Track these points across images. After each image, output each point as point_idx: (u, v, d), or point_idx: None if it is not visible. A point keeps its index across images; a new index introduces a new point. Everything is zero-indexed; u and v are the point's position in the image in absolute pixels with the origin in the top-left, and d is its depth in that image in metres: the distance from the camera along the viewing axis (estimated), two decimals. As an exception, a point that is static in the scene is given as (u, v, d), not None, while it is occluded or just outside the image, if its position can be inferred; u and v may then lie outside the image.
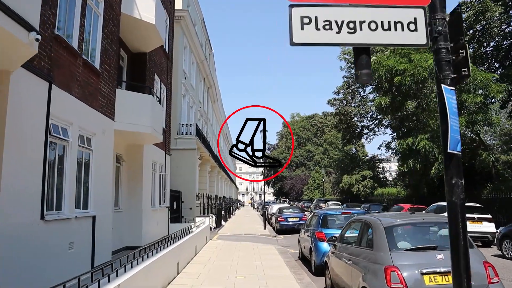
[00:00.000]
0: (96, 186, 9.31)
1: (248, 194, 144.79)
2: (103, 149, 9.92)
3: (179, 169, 22.06)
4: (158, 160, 16.07)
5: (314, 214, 12.09)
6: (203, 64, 31.81)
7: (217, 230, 23.17)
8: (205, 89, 36.15)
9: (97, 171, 9.44)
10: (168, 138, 18.30)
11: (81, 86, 8.64)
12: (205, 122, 35.57)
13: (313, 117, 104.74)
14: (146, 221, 13.83)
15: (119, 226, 12.72)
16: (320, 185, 71.39)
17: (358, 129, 44.73)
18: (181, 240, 10.51)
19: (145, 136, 11.81)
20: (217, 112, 48.83)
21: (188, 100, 26.32)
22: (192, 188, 22.17)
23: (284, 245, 18.00)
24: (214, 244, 16.45)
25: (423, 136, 21.60)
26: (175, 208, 20.13)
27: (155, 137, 12.25)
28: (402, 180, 33.52)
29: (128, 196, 13.32)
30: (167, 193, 17.42)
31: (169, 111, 18.58)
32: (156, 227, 15.43)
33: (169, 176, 18.08)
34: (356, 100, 44.70)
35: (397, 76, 21.94)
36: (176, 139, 22.56)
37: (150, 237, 13.99)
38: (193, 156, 22.54)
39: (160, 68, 16.68)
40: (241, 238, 19.59)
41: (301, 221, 23.38)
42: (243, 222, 32.17)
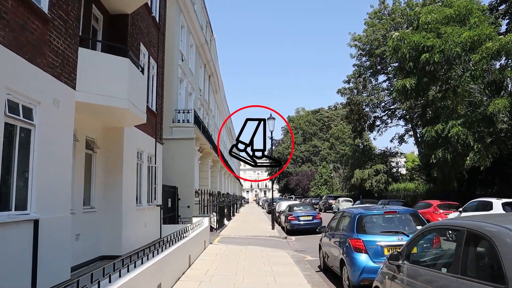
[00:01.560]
0: (41, 177, 6.52)
1: (252, 191, 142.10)
2: (56, 126, 7.13)
3: (175, 162, 19.28)
4: (145, 149, 13.29)
5: (343, 214, 9.25)
6: (203, 48, 28.97)
7: (219, 231, 20.39)
8: (206, 77, 33.32)
9: (45, 157, 6.65)
10: (159, 124, 15.51)
11: (11, 29, 5.85)
12: (207, 112, 32.76)
13: (318, 111, 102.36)
14: (128, 223, 11.05)
15: (92, 231, 9.96)
16: (327, 181, 68.65)
17: (370, 120, 41.90)
18: (166, 251, 7.71)
19: (119, 112, 9.01)
20: (219, 104, 46.01)
21: (186, 85, 23.51)
22: (190, 183, 19.38)
23: (298, 250, 15.22)
24: (214, 249, 13.66)
25: (455, 122, 18.70)
26: (169, 206, 17.36)
27: (134, 115, 9.44)
28: (424, 174, 30.55)
29: (104, 192, 10.55)
30: (159, 188, 14.64)
31: (161, 93, 15.77)
32: (143, 229, 12.65)
33: (161, 169, 15.30)
34: (368, 89, 41.79)
35: (424, 53, 19.04)
36: (172, 127, 19.77)
37: (136, 242, 11.23)
38: (190, 147, 19.74)
39: (148, 39, 13.87)
40: (247, 241, 16.81)
41: (315, 221, 20.58)
42: (248, 221, 29.37)
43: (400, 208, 9.08)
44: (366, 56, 42.05)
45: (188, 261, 10.05)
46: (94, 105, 8.40)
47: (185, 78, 23.21)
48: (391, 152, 44.12)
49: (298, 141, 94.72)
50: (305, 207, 22.17)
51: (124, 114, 9.21)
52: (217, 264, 10.73)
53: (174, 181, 18.84)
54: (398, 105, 37.90)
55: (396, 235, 7.49)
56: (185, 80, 23.23)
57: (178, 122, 20.00)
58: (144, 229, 12.69)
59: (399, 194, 36.03)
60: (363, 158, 43.77)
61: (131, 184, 11.48)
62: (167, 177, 18.61)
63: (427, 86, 20.86)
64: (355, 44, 42.49)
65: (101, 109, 8.83)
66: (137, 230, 11.94)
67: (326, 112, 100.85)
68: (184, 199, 18.94)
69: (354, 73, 42.47)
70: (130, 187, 11.42)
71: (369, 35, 40.59)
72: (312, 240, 18.28)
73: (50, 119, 6.87)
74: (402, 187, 36.10)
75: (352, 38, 42.70)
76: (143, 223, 12.59)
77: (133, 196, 11.70)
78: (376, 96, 40.66)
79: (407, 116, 42.35)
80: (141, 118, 9.99)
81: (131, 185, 11.54)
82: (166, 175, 18.66)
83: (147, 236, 12.87)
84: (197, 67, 28.14)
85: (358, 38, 42.29)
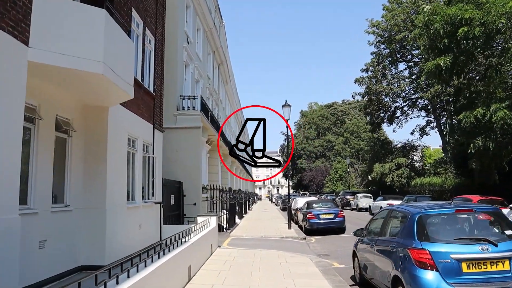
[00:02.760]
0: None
1: (265, 188, 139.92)
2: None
3: (179, 154, 17.20)
4: (140, 135, 11.16)
5: (391, 213, 6.94)
6: (211, 33, 26.78)
7: (230, 231, 18.24)
8: (216, 65, 31.16)
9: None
10: (159, 109, 13.39)
11: None
12: (216, 103, 30.61)
13: (332, 105, 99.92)
14: (115, 224, 8.94)
15: (67, 235, 7.87)
16: (343, 176, 66.07)
17: (390, 110, 39.38)
18: (154, 264, 5.54)
19: (94, 81, 6.86)
20: (230, 96, 43.83)
21: (192, 70, 21.37)
22: (196, 177, 17.26)
23: (321, 254, 12.98)
24: (223, 255, 11.48)
25: (499, 105, 16.23)
26: (173, 203, 15.27)
27: (116, 87, 7.26)
28: (454, 166, 27.98)
29: (83, 186, 8.45)
30: (158, 183, 12.51)
31: (160, 72, 13.65)
32: (137, 232, 10.55)
33: (160, 160, 13.19)
34: (387, 78, 39.20)
35: (462, 27, 16.58)
36: (176, 115, 17.65)
37: (127, 247, 9.14)
38: (197, 137, 17.60)
39: (143, 6, 11.71)
40: (261, 243, 14.63)
41: (337, 219, 18.31)
42: (262, 219, 27.19)
43: (478, 205, 6.73)
44: (385, 43, 39.46)
45: (188, 273, 7.88)
46: (57, 69, 6.25)
47: (191, 63, 21.08)
48: (412, 145, 41.45)
49: (311, 136, 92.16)
50: (326, 204, 19.86)
51: (102, 83, 7.06)
52: (224, 276, 8.54)
53: (178, 175, 16.78)
54: (421, 94, 35.28)
55: (478, 243, 5.22)
56: (191, 65, 21.10)
57: (182, 110, 17.87)
58: (138, 231, 10.59)
59: (423, 189, 33.44)
60: (382, 152, 41.17)
61: (119, 177, 9.36)
62: (170, 171, 16.55)
63: (464, 66, 18.34)
64: (373, 30, 39.90)
65: (70, 76, 6.70)
66: (129, 233, 9.84)
67: (340, 106, 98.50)
68: (190, 196, 16.85)
69: (373, 61, 39.91)
70: (118, 181, 9.31)
71: (388, 20, 37.97)
72: (335, 241, 16.04)
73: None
74: (427, 181, 33.46)
75: (370, 24, 40.12)
76: (136, 224, 10.49)
77: (122, 191, 9.59)
78: (397, 84, 38.06)
79: (429, 106, 39.72)
80: (126, 92, 7.82)
81: (119, 178, 9.42)
82: (170, 169, 16.60)
83: (143, 239, 10.76)
84: (205, 53, 25.98)
85: (377, 24, 39.69)
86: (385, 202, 28.57)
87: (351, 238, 17.59)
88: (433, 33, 18.18)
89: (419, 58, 38.37)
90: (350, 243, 16.28)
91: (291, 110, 20.92)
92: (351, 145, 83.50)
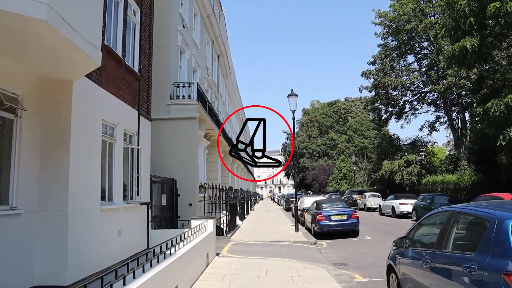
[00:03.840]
0: None
1: (267, 187, 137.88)
2: None
3: (173, 148, 15.28)
4: (120, 122, 9.22)
5: (458, 218, 4.90)
6: (210, 21, 24.82)
7: (231, 234, 16.29)
8: (215, 56, 29.19)
9: None
10: (146, 92, 11.44)
11: None
12: (215, 96, 28.64)
13: (335, 103, 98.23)
14: (82, 231, 7.00)
15: (13, 246, 5.92)
16: (347, 175, 64.11)
17: (399, 104, 37.39)
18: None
19: (35, 29, 4.88)
20: (230, 91, 41.85)
21: (189, 58, 19.42)
22: (192, 175, 15.31)
23: (336, 262, 11.04)
24: (221, 266, 9.52)
25: (534, 92, 14.30)
26: (165, 204, 13.32)
27: (68, 42, 5.24)
28: (476, 163, 25.95)
29: (38, 183, 6.51)
30: (144, 180, 10.58)
31: (148, 50, 11.71)
32: (115, 239, 8.60)
33: (148, 153, 11.25)
34: (396, 70, 37.19)
35: (492, 3, 14.63)
36: (170, 105, 15.72)
37: (100, 260, 7.24)
38: (193, 129, 15.65)
39: (125, -32, 9.77)
40: (266, 249, 12.68)
41: (350, 221, 16.35)
42: (265, 220, 25.23)
43: None
44: (393, 34, 37.46)
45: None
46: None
47: (187, 49, 19.13)
48: (422, 141, 39.40)
49: (314, 134, 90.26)
50: (337, 203, 17.86)
51: (49, 38, 5.09)
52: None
53: (172, 172, 14.86)
54: (432, 87, 33.24)
55: None
56: (187, 51, 19.16)
57: (177, 99, 15.93)
58: (117, 239, 8.64)
59: (436, 187, 31.43)
60: (391, 149, 39.13)
61: (88, 172, 7.41)
62: (163, 167, 14.65)
63: (492, 48, 16.35)
64: (381, 21, 37.90)
65: (1, 27, 4.74)
66: (103, 241, 7.89)
67: (343, 103, 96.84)
68: (185, 195, 14.90)
69: (380, 53, 37.90)
70: (87, 177, 7.36)
71: (396, 9, 35.99)
72: (350, 246, 14.08)
73: None
74: (440, 179, 31.43)
75: (377, 15, 38.14)
76: (114, 229, 8.54)
77: (93, 190, 7.64)
78: (406, 77, 36.01)
79: (439, 101, 37.74)
80: (89, 57, 5.84)
81: (89, 173, 7.48)
82: (162, 165, 14.70)
83: (124, 247, 8.83)
84: (203, 41, 24.03)
85: (384, 15, 37.71)
86: (397, 202, 26.62)
87: (366, 242, 15.70)
88: (457, 12, 16.21)
89: (429, 50, 36.46)
90: (366, 248, 14.38)
91: (297, 101, 18.97)
92: (354, 143, 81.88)
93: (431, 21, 33.23)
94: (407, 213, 25.10)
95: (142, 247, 10.37)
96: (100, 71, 7.95)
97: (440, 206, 21.04)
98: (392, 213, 26.72)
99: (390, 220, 24.77)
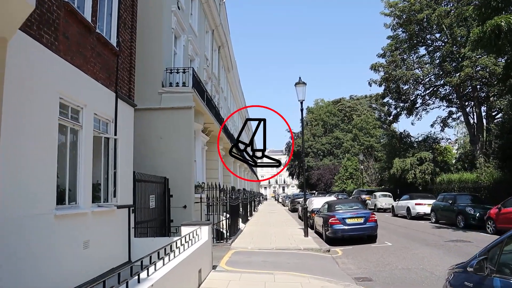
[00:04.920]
0: None
1: (270, 187, 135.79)
2: None
3: (165, 142, 13.37)
4: (87, 103, 7.27)
5: None
6: (209, 7, 22.89)
7: (232, 240, 14.33)
8: (215, 47, 27.25)
9: None
10: (126, 72, 9.50)
11: None
12: (216, 90, 26.68)
13: (339, 101, 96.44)
14: (19, 246, 5.07)
15: None
16: (353, 174, 62.06)
17: (411, 99, 35.36)
18: None
19: None
20: (233, 86, 39.90)
21: (185, 44, 17.47)
22: (187, 172, 13.36)
23: (358, 276, 9.09)
24: (216, 286, 7.56)
25: None
26: (153, 206, 11.38)
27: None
28: (501, 159, 23.89)
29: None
30: (124, 177, 8.65)
31: (131, 23, 9.80)
32: (80, 253, 6.67)
33: (129, 144, 9.34)
34: (408, 62, 35.14)
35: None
36: (161, 93, 13.80)
37: (53, 284, 5.28)
38: (188, 121, 13.70)
39: None
40: (273, 260, 10.71)
41: (368, 224, 14.36)
42: (270, 223, 23.25)
43: None
44: (403, 25, 35.41)
45: None
46: None
47: (183, 34, 17.20)
48: (435, 138, 37.28)
49: (318, 133, 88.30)
50: (351, 205, 15.84)
51: None
52: None
53: (164, 170, 12.94)
54: (448, 79, 31.08)
55: None
56: (183, 36, 17.22)
57: (170, 86, 14.00)
58: (82, 253, 6.71)
59: (452, 186, 29.35)
60: (402, 146, 37.06)
61: (34, 165, 5.48)
62: (153, 165, 12.77)
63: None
64: (391, 12, 35.85)
65: None
66: (59, 258, 5.96)
67: (348, 101, 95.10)
68: (179, 196, 12.96)
69: (390, 45, 35.85)
70: (32, 171, 5.43)
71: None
72: (369, 255, 12.08)
73: None
74: (456, 178, 29.35)
75: (387, 5, 36.10)
76: (78, 241, 6.61)
77: (44, 190, 5.71)
78: (418, 70, 33.94)
79: (451, 96, 35.68)
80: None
81: (37, 166, 5.54)
82: (152, 162, 12.82)
83: (93, 263, 6.90)
84: (202, 29, 22.09)
85: (394, 5, 35.68)
86: (413, 202, 24.58)
87: (387, 250, 13.14)
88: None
89: (442, 41, 34.38)
90: (389, 256, 12.00)
91: (305, 90, 17.00)
92: (360, 142, 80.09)
93: (445, 9, 31.19)
94: (424, 215, 23.13)
95: (121, 260, 8.45)
96: (57, 34, 6.06)
97: (465, 207, 19.13)
98: (407, 215, 24.71)
99: (406, 222, 22.74)
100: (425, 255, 11.45)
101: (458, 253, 11.62)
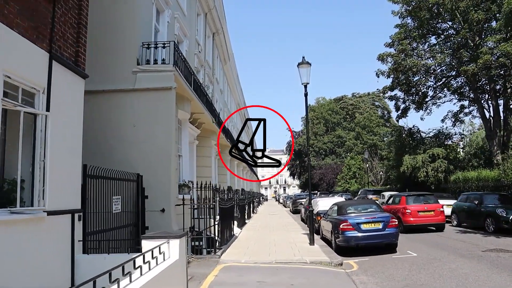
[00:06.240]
0: None
1: (271, 187, 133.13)
2: None
3: (139, 131, 10.90)
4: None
5: None
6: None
7: (222, 250, 11.82)
8: (209, 33, 24.78)
9: None
10: (75, 30, 6.97)
11: None
12: (210, 79, 24.20)
13: (341, 99, 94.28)
14: None
15: None
16: (357, 174, 59.62)
17: (422, 91, 32.83)
18: None
19: None
20: (230, 80, 37.43)
21: (169, 19, 14.97)
22: (166, 168, 10.86)
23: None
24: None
25: None
26: (118, 211, 8.89)
27: None
28: None
29: None
30: (61, 171, 6.17)
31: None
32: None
33: (72, 126, 6.80)
34: (418, 50, 32.61)
35: None
36: (136, 73, 11.33)
37: None
38: (167, 104, 11.17)
39: None
40: (272, 281, 8.19)
41: (388, 230, 11.83)
42: (270, 227, 20.76)
43: None
44: (412, 13, 32.86)
45: None
46: None
47: (167, 9, 14.74)
48: (447, 134, 34.74)
49: (320, 131, 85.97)
50: (366, 207, 13.28)
51: None
52: None
53: (138, 165, 10.47)
54: (464, 68, 28.52)
55: None
56: (167, 11, 14.76)
57: (147, 64, 11.53)
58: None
59: (469, 185, 26.82)
60: (412, 142, 34.53)
61: None
62: (124, 159, 10.31)
63: None
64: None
65: None
66: None
67: (350, 99, 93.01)
68: (156, 197, 10.48)
69: (399, 33, 33.29)
70: None
71: (418, -18, 31.43)
72: (391, 268, 9.53)
73: None
74: (473, 175, 26.83)
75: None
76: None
77: None
78: (432, 59, 31.34)
79: (464, 89, 33.21)
80: None
81: None
82: (123, 156, 10.37)
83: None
84: (192, 9, 19.62)
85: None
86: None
87: (414, 262, 10.03)
88: None
89: (455, 29, 31.85)
90: (419, 272, 8.73)
91: (310, 72, 14.54)
92: (363, 140, 77.93)
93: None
94: (443, 217, 20.62)
95: (58, 286, 5.98)
96: None
97: (495, 208, 16.63)
98: (424, 217, 22.14)
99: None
100: (467, 271, 8.95)
101: (506, 267, 9.17)
